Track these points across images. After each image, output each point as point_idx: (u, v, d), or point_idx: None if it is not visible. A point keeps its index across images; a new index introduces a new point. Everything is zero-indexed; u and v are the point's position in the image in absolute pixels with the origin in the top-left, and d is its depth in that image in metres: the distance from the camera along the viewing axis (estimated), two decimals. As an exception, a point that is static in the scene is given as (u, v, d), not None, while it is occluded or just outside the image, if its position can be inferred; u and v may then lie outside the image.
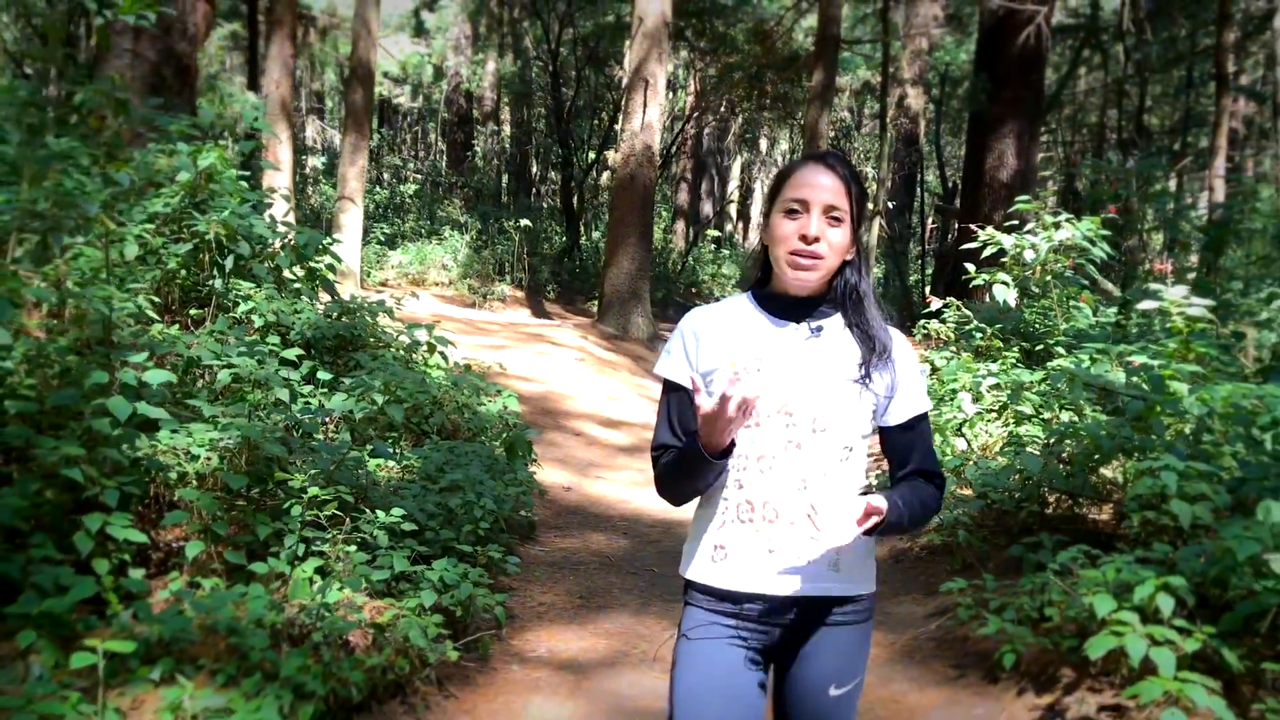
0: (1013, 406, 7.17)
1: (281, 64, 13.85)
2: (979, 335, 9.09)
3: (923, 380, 2.31)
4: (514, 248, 20.70)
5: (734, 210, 37.28)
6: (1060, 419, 6.66)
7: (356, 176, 14.91)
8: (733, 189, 36.82)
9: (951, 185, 27.72)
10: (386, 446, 5.65)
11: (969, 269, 9.13)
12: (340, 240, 9.05)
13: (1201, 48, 24.24)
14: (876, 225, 17.68)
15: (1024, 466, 5.83)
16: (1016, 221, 9.52)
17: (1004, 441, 7.04)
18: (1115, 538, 5.34)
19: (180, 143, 6.21)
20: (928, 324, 9.79)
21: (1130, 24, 19.52)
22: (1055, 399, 6.87)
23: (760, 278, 2.33)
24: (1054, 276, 8.96)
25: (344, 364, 6.99)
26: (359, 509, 4.70)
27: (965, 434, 7.43)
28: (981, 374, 7.75)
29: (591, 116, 26.85)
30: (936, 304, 9.65)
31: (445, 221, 23.34)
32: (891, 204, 23.61)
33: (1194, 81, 26.10)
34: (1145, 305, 7.04)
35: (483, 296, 18.90)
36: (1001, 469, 6.21)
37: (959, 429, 7.49)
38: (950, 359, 8.55)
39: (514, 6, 27.09)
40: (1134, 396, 5.73)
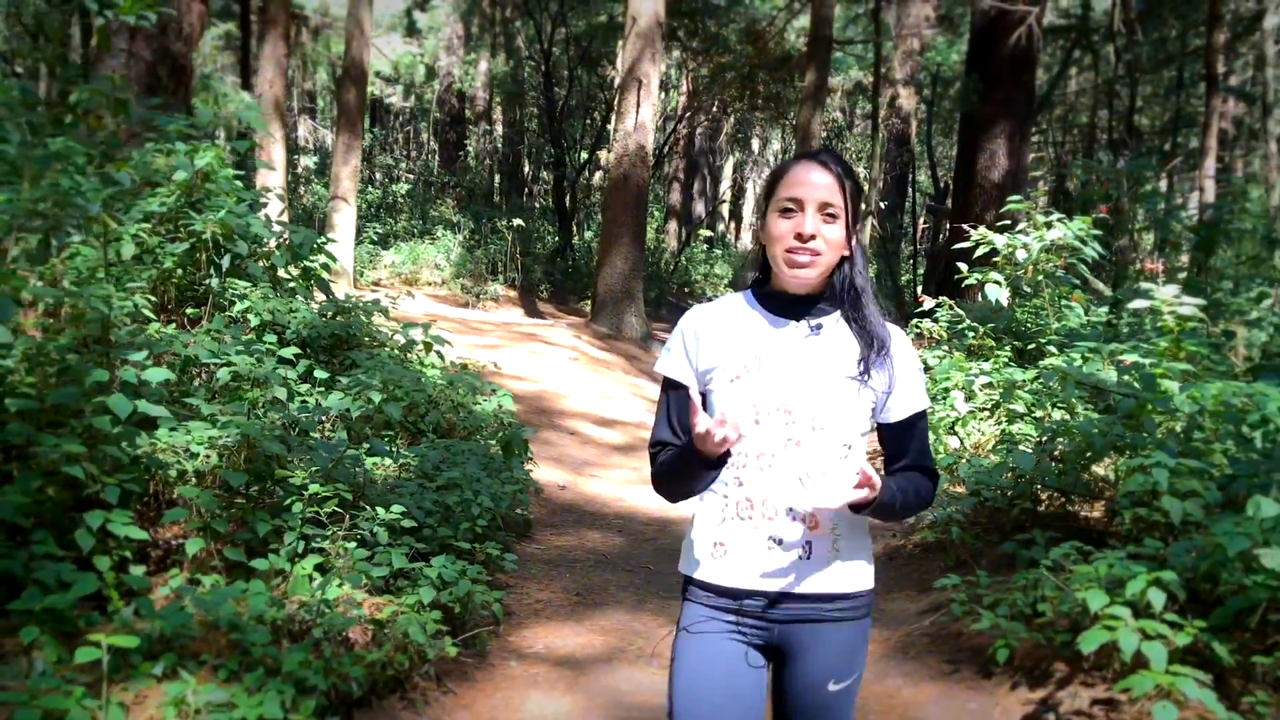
0: (1005, 405, 7.23)
1: (275, 64, 13.85)
2: (971, 334, 9.14)
3: (921, 377, 2.33)
4: (507, 247, 20.70)
5: (726, 210, 37.33)
6: (1052, 417, 6.71)
7: (349, 176, 14.91)
8: (725, 189, 36.85)
9: (943, 185, 27.81)
10: (383, 445, 5.67)
11: (961, 268, 9.19)
12: (334, 240, 9.06)
13: (1192, 48, 24.36)
14: (869, 225, 17.74)
15: (1017, 464, 5.88)
16: (1009, 221, 9.57)
17: (996, 439, 7.09)
18: (1107, 534, 5.39)
19: (178, 142, 6.23)
20: (920, 323, 9.84)
21: (1121, 25, 19.59)
22: (1047, 397, 6.92)
23: (759, 276, 2.33)
24: (1046, 276, 9.02)
25: (340, 363, 7.02)
26: (358, 506, 4.73)
27: (958, 432, 7.48)
28: (974, 373, 7.81)
29: (584, 116, 26.88)
30: (929, 303, 9.69)
31: (438, 221, 23.33)
32: (883, 204, 23.68)
33: (1184, 82, 26.21)
34: (1137, 304, 7.10)
35: (475, 296, 18.90)
36: (994, 466, 6.26)
37: (952, 427, 7.54)
38: (943, 358, 8.61)
39: (506, 6, 27.07)
40: (1126, 395, 5.78)
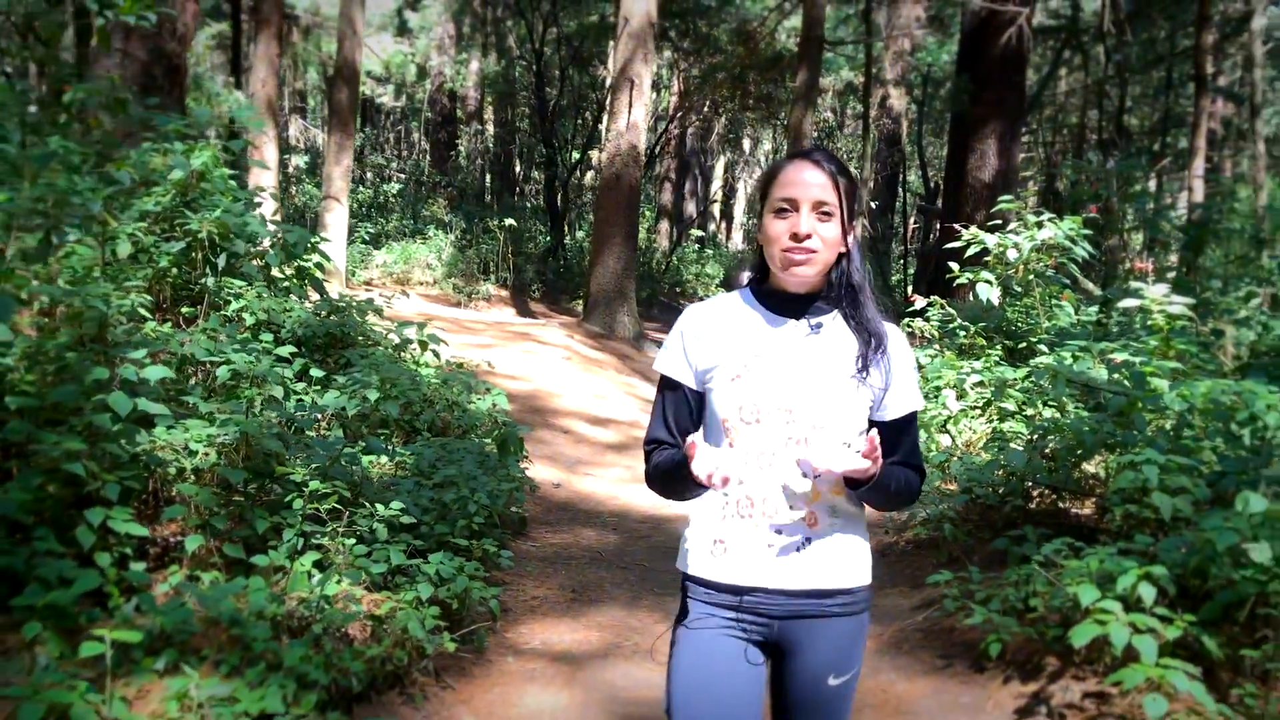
0: (996, 403, 7.28)
1: (268, 63, 13.85)
2: (962, 333, 9.19)
3: (916, 377, 2.35)
4: (498, 247, 20.72)
5: (718, 210, 37.39)
6: (1043, 415, 6.77)
7: (342, 176, 14.91)
8: (716, 189, 36.92)
9: (933, 185, 27.90)
10: (380, 443, 5.71)
11: (953, 268, 9.24)
12: (328, 239, 9.09)
13: (1181, 49, 24.48)
14: (859, 225, 17.78)
15: (1008, 461, 5.93)
16: (999, 221, 9.62)
17: (988, 437, 7.14)
18: (1098, 531, 5.45)
19: (175, 142, 6.25)
20: (912, 322, 9.89)
21: (1110, 25, 19.70)
22: (1038, 396, 6.98)
23: (758, 275, 2.34)
24: (1036, 275, 9.08)
25: (334, 362, 7.05)
26: (357, 503, 4.76)
27: (950, 430, 7.53)
28: (965, 371, 7.86)
29: (575, 116, 26.90)
30: (921, 302, 9.74)
31: (429, 221, 23.34)
32: (874, 204, 23.76)
33: (1173, 83, 26.33)
34: (1127, 303, 7.17)
35: (468, 296, 18.91)
36: (986, 464, 6.30)
37: (944, 425, 7.59)
38: (934, 357, 8.66)
39: (497, 6, 27.10)
40: (1116, 393, 5.84)
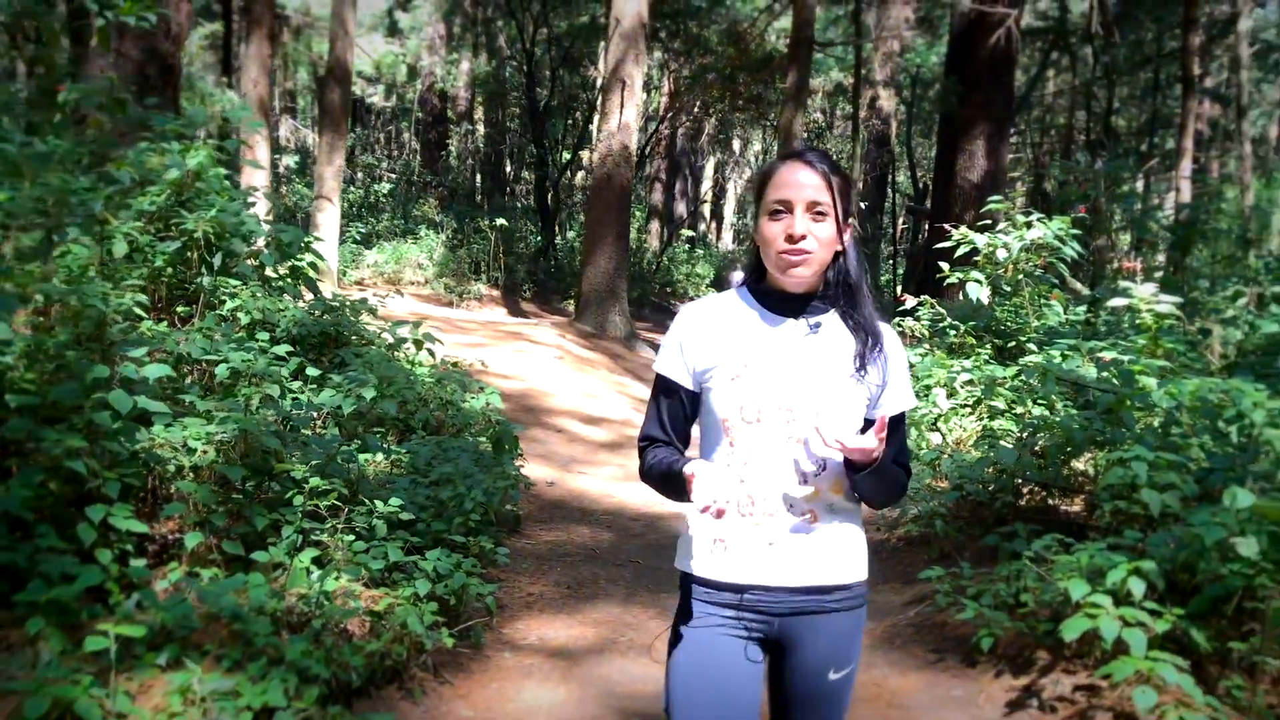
0: (986, 401, 7.35)
1: (259, 63, 13.85)
2: (952, 332, 9.26)
3: (909, 376, 2.38)
4: (490, 247, 20.74)
5: (708, 210, 37.47)
6: (1032, 413, 6.83)
7: (333, 176, 14.92)
8: (706, 189, 36.99)
9: (922, 186, 28.04)
10: (377, 441, 5.74)
11: (943, 268, 9.30)
12: (321, 239, 9.10)
13: (1168, 51, 24.64)
14: (854, 224, 17.86)
15: (998, 459, 6.00)
16: (988, 221, 9.69)
17: (978, 435, 7.21)
18: (1087, 527, 5.51)
19: (172, 142, 6.27)
20: (902, 321, 9.96)
21: (1098, 27, 19.81)
22: (1027, 394, 7.04)
23: (755, 273, 2.34)
24: (1025, 275, 9.15)
25: (329, 361, 7.07)
26: (353, 501, 4.80)
27: (940, 428, 7.59)
28: (955, 370, 7.92)
29: (566, 116, 26.94)
30: (911, 302, 9.81)
31: (420, 221, 23.34)
32: (863, 205, 23.82)
33: (1160, 84, 26.50)
34: (1115, 302, 7.24)
35: (459, 295, 18.94)
36: (976, 461, 6.36)
37: (934, 424, 7.65)
38: (925, 355, 8.72)
39: (488, 6, 27.11)
40: (1105, 390, 5.91)
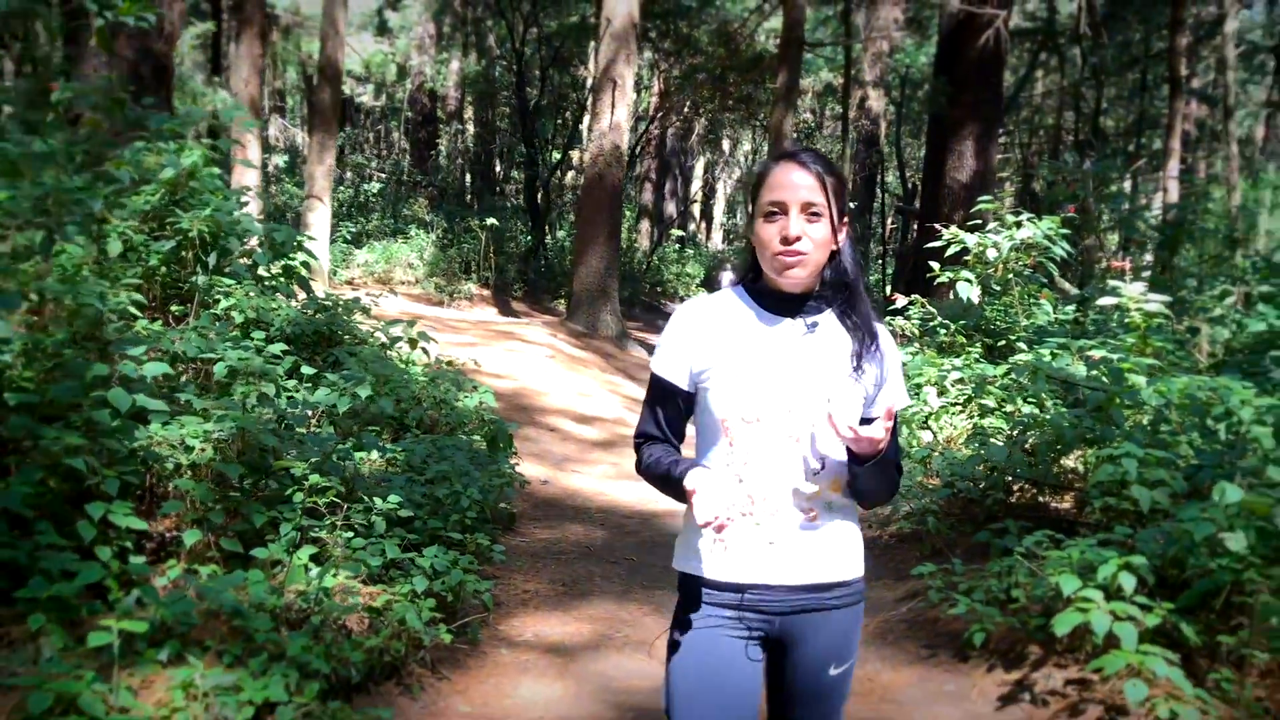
0: (976, 400, 7.40)
1: (250, 63, 13.85)
2: (943, 331, 9.32)
3: (902, 375, 2.40)
4: (480, 246, 20.75)
5: (698, 210, 37.52)
6: (1022, 411, 6.89)
7: (324, 175, 14.89)
8: (696, 189, 37.04)
9: (911, 186, 28.12)
10: (374, 439, 5.76)
11: (933, 267, 9.36)
12: (313, 238, 9.13)
13: (1155, 52, 24.80)
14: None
15: (989, 456, 6.05)
16: (978, 221, 9.75)
17: (969, 433, 7.26)
18: (1077, 524, 5.56)
19: (169, 141, 6.29)
20: (892, 320, 10.01)
21: (1086, 28, 19.91)
22: (1018, 392, 7.10)
23: (751, 273, 2.34)
24: (1015, 274, 9.21)
25: (322, 360, 7.09)
26: (351, 499, 4.82)
27: (931, 426, 7.65)
28: (946, 369, 7.98)
29: (556, 116, 26.95)
30: (902, 301, 9.86)
31: (410, 220, 23.34)
32: (853, 204, 23.89)
33: (1148, 85, 26.64)
34: (1104, 301, 7.30)
35: (449, 295, 18.95)
36: (967, 459, 6.42)
37: (925, 422, 7.71)
38: (915, 354, 8.78)
39: (478, 6, 27.10)
40: (1094, 388, 5.96)
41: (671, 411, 2.33)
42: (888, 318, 10.14)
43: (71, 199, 4.03)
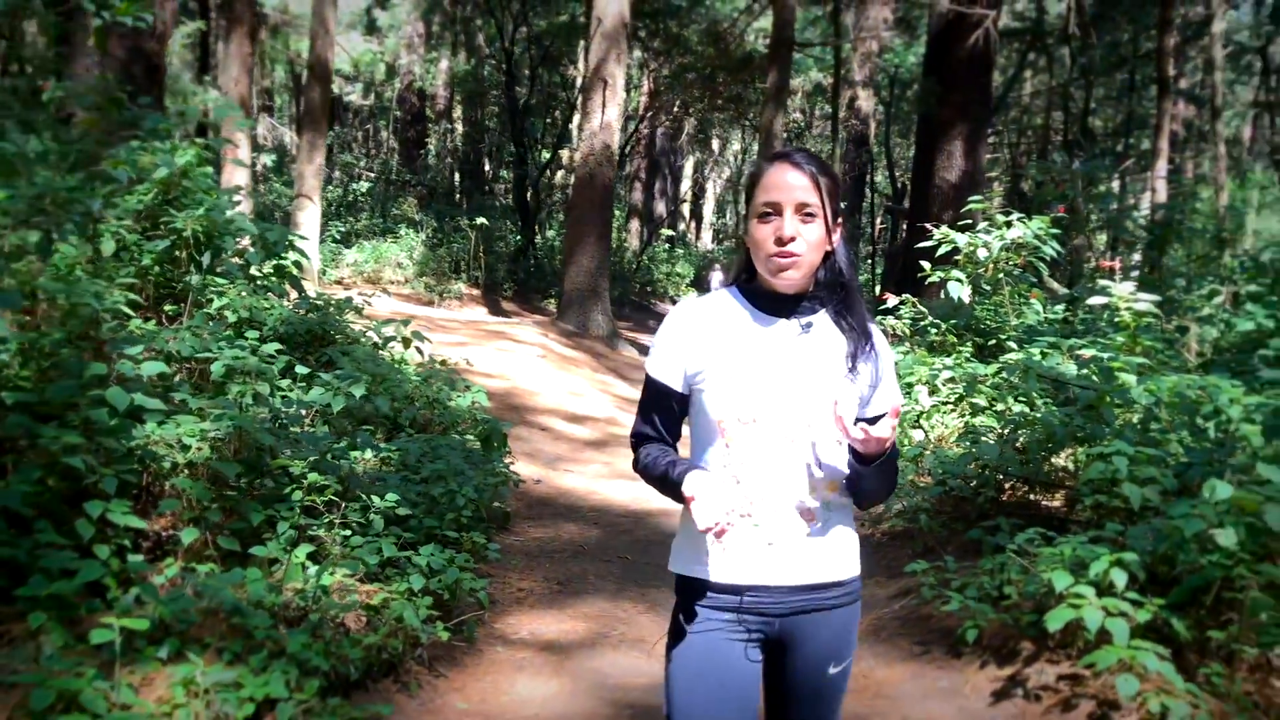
0: (968, 398, 7.45)
1: (240, 62, 13.82)
2: (934, 331, 9.36)
3: (895, 375, 2.41)
4: (469, 246, 20.74)
5: (687, 209, 37.57)
6: (1013, 410, 6.93)
7: (314, 174, 14.90)
8: (685, 189, 37.08)
9: (901, 186, 28.18)
10: (368, 438, 5.78)
11: (924, 267, 9.40)
12: (305, 238, 9.11)
13: (1143, 52, 24.91)
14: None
15: (981, 454, 6.09)
16: (968, 221, 9.80)
17: (960, 432, 7.30)
18: (1068, 521, 5.60)
19: (165, 140, 6.29)
20: (884, 320, 10.05)
21: (1075, 28, 20.00)
22: (1008, 391, 7.14)
23: (745, 273, 2.35)
24: (1005, 274, 9.26)
25: (315, 359, 7.10)
26: (347, 497, 4.84)
27: (923, 425, 7.69)
28: (937, 368, 8.02)
29: (545, 115, 26.97)
30: (893, 301, 9.90)
31: (400, 220, 23.33)
32: (842, 204, 23.95)
33: (1136, 85, 26.79)
34: (1094, 301, 7.35)
35: (439, 295, 18.95)
36: (959, 457, 6.46)
37: (916, 421, 7.75)
38: (906, 354, 8.82)
39: (467, 5, 27.10)
40: (1085, 387, 6.01)
41: (667, 413, 2.32)
42: (879, 317, 10.19)
43: (71, 199, 4.03)
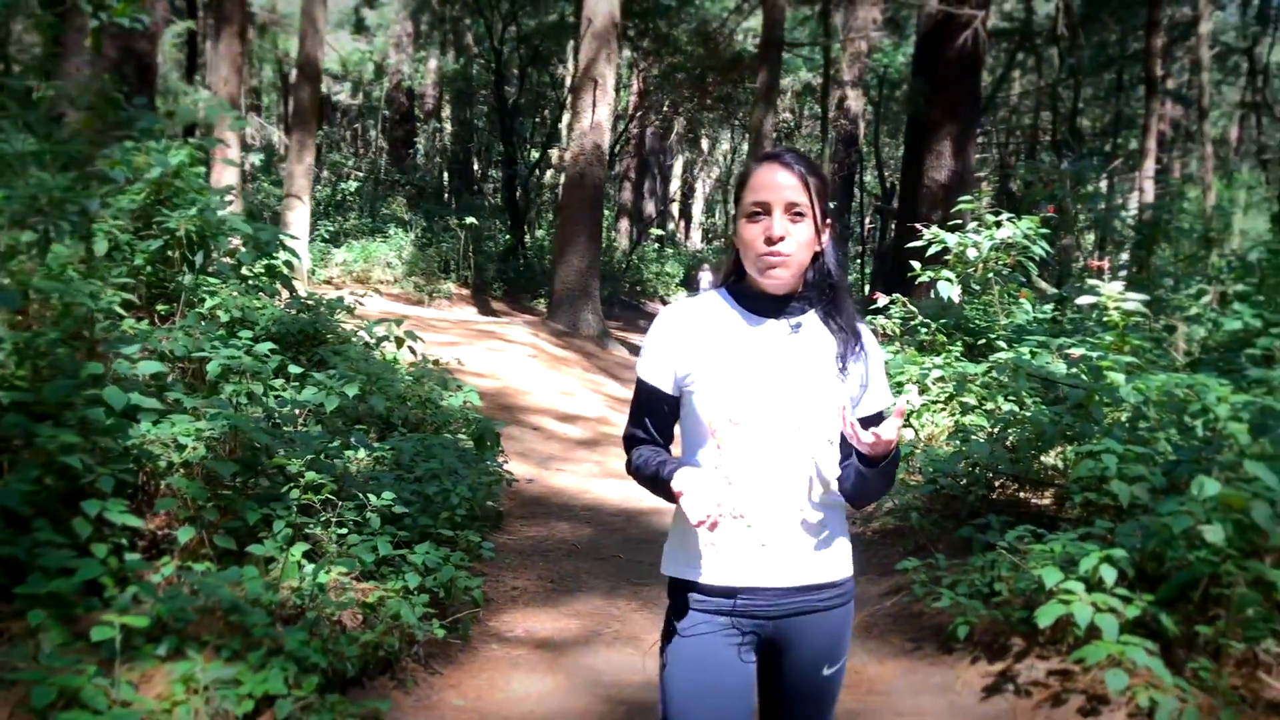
0: (958, 397, 7.50)
1: (230, 62, 13.80)
2: (923, 330, 9.41)
3: (885, 374, 2.42)
4: (459, 246, 20.74)
5: (676, 209, 37.61)
6: (1002, 409, 6.98)
7: (304, 174, 14.88)
8: (675, 188, 37.12)
9: (890, 186, 28.30)
10: (363, 437, 5.80)
11: (914, 266, 9.45)
12: (295, 237, 9.13)
13: (1131, 53, 25.04)
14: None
15: (971, 453, 6.14)
16: (957, 221, 9.85)
17: (950, 431, 7.35)
18: (1058, 519, 5.65)
19: (161, 140, 6.30)
20: (873, 319, 10.09)
21: (1063, 29, 20.09)
22: (998, 390, 7.20)
23: (734, 274, 2.35)
24: (995, 274, 9.32)
25: (308, 359, 7.11)
26: (342, 496, 4.86)
27: (913, 424, 7.73)
28: (927, 367, 8.07)
29: (534, 115, 26.98)
30: (883, 300, 9.95)
31: (389, 219, 23.31)
32: (831, 204, 24.02)
33: (1124, 85, 26.91)
34: (1083, 300, 7.41)
35: (429, 294, 18.94)
36: (949, 456, 6.50)
37: (906, 420, 7.79)
38: (897, 353, 8.87)
39: (456, 4, 27.08)
40: (1074, 386, 6.06)
41: (658, 415, 2.33)
42: (869, 316, 10.23)
43: (66, 198, 4.04)
